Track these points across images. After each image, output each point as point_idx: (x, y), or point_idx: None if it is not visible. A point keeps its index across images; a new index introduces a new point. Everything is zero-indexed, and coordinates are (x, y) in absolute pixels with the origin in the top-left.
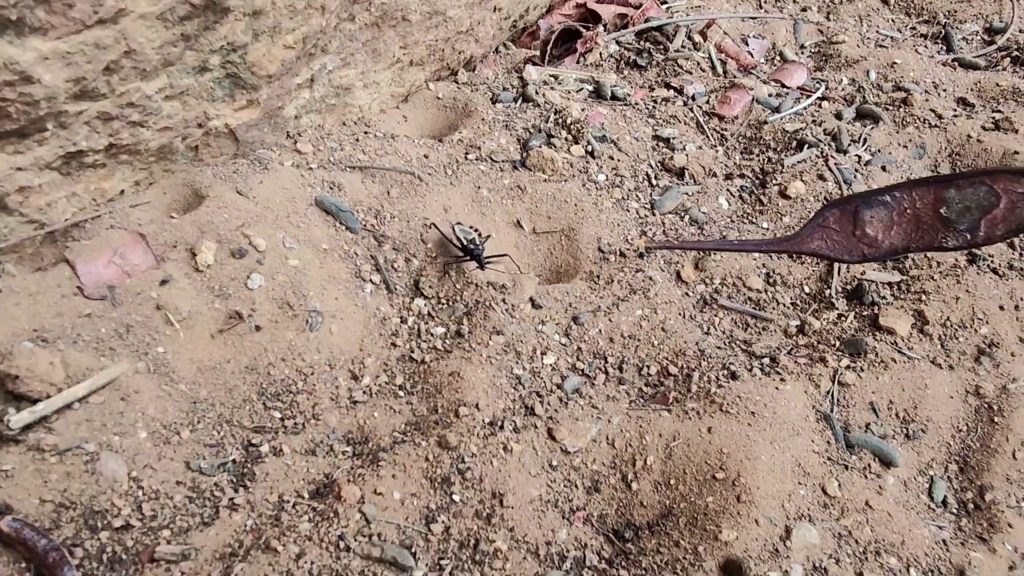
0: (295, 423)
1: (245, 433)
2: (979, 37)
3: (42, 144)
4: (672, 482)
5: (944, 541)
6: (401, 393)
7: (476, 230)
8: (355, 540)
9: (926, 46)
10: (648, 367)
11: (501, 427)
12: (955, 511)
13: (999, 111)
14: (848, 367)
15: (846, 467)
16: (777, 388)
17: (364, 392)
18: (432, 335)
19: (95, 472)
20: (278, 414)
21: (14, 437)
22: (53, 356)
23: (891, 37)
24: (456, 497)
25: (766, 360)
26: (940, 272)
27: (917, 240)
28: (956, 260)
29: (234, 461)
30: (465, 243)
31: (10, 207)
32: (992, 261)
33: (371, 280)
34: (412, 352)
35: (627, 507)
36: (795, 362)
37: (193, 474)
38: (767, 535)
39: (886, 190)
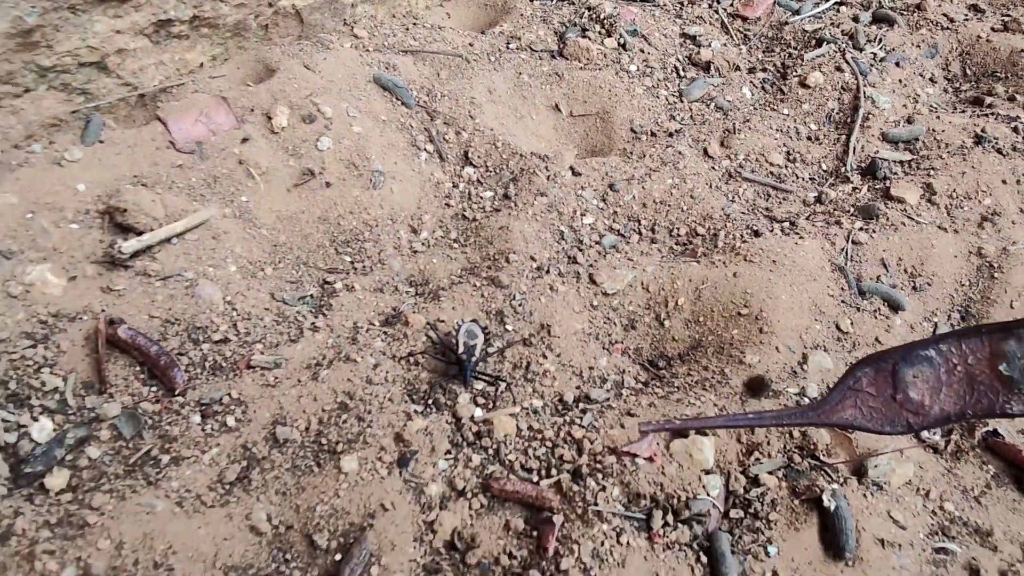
0: (364, 266)
1: (320, 273)
2: None
3: (138, 10)
4: (701, 319)
5: None
6: (455, 246)
7: (486, 331)
8: (423, 357)
9: None
10: (678, 229)
11: (547, 271)
12: None
13: (1008, 15)
14: (861, 228)
15: (858, 309)
16: (796, 243)
17: (423, 244)
18: (482, 198)
19: (194, 295)
20: (348, 258)
21: (124, 262)
22: (154, 196)
23: None
24: (509, 326)
25: (786, 224)
26: (948, 152)
27: (974, 404)
28: (963, 141)
29: (312, 296)
30: (462, 349)
31: (109, 68)
32: (997, 143)
33: (425, 149)
34: (464, 211)
35: (660, 341)
36: (813, 224)
37: (277, 303)
38: (786, 360)
39: (930, 342)
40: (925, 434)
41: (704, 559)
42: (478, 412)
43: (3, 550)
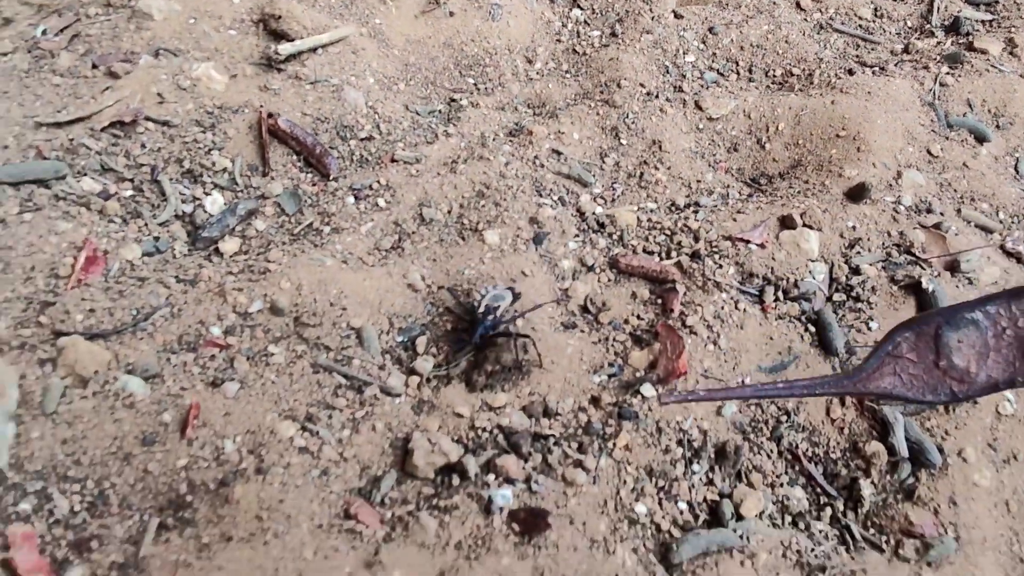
0: (486, 87)
1: (446, 92)
2: None
3: None
4: (800, 142)
5: None
6: (567, 75)
7: (515, 293)
8: (547, 160)
9: None
10: (774, 70)
11: (656, 96)
12: None
13: None
14: (948, 73)
15: (947, 138)
16: (888, 81)
17: (537, 73)
18: (590, 36)
19: (340, 99)
20: (471, 80)
21: (279, 65)
22: (303, 8)
23: None
24: (623, 141)
25: (876, 68)
26: None
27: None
28: None
29: (440, 111)
30: (483, 308)
31: None
32: None
33: None
34: (574, 47)
35: (761, 162)
36: (901, 69)
37: (411, 114)
38: (882, 175)
39: (975, 304)
40: (1010, 244)
41: (812, 329)
42: (599, 209)
43: (195, 291)
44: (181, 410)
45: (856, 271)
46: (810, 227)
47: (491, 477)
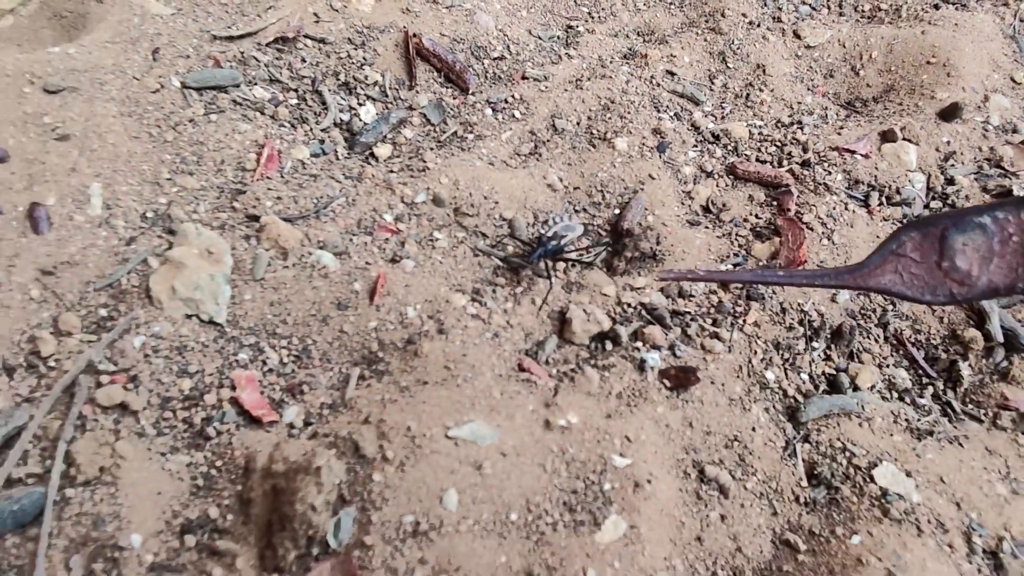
0: (598, 16)
1: (563, 20)
2: None
3: None
4: (892, 68)
5: None
6: (673, 7)
7: (588, 230)
8: (662, 80)
9: None
10: (862, 4)
11: (758, 25)
12: None
13: None
14: None
15: None
16: (971, 15)
17: (644, 4)
18: None
19: (473, 22)
20: (585, 9)
21: None
22: None
23: None
24: (730, 65)
25: (959, 4)
26: None
27: None
28: None
29: (559, 36)
30: (551, 233)
31: None
32: None
33: None
34: None
35: (856, 87)
36: (982, 5)
37: (534, 38)
38: (970, 98)
39: (984, 209)
40: None
41: None
42: (711, 124)
43: (363, 185)
44: (368, 280)
45: (951, 181)
46: (909, 141)
47: (639, 344)
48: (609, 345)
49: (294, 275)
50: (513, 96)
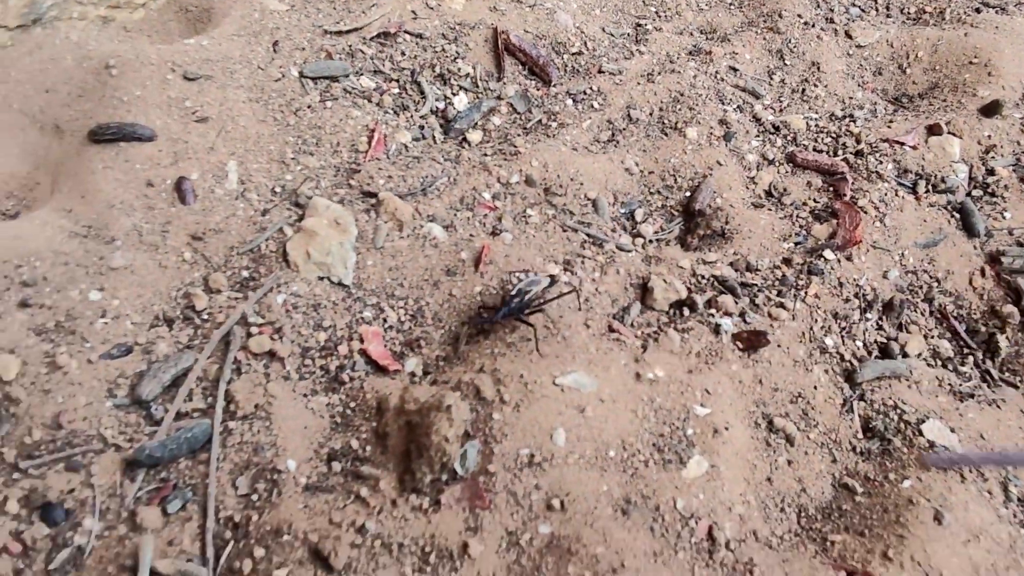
0: (664, 15)
1: (632, 18)
2: None
3: None
4: (937, 67)
5: None
6: (732, 7)
7: (552, 279)
8: (726, 75)
9: None
10: (908, 7)
11: (812, 25)
12: None
13: None
14: None
15: None
16: (1011, 18)
17: (707, 4)
18: None
19: (553, 20)
20: (653, 9)
21: None
22: None
23: None
24: (787, 62)
25: (998, 8)
26: None
27: None
28: None
29: (629, 33)
30: (515, 292)
31: None
32: None
33: None
34: None
35: (902, 84)
36: (1021, 10)
37: (607, 35)
38: (1010, 96)
39: None
40: None
41: (956, 216)
42: (771, 116)
43: (460, 167)
44: (474, 250)
45: (991, 172)
46: (953, 134)
47: (713, 311)
48: (686, 311)
49: (408, 244)
50: (591, 88)
